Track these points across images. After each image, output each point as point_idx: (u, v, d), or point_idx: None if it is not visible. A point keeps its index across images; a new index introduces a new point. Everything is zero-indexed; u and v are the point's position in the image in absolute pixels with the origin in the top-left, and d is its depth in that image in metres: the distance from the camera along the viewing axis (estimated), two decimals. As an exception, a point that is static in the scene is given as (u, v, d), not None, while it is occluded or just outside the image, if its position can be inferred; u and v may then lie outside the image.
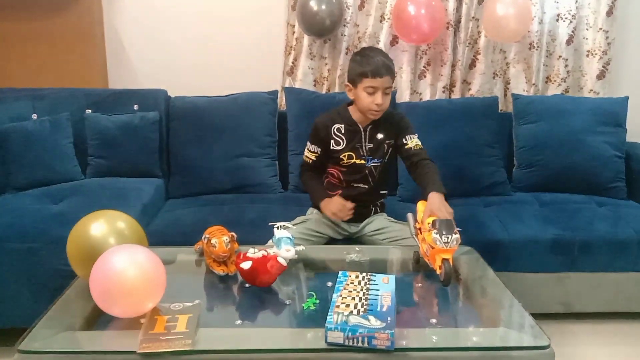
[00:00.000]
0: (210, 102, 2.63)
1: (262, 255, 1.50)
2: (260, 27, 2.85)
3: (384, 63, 1.87)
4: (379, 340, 1.21)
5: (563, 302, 2.23)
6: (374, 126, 1.98)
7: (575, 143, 2.55)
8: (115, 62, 2.87)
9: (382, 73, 1.85)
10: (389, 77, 1.88)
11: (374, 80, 1.86)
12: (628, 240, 2.16)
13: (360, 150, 1.98)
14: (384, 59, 1.89)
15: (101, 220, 1.53)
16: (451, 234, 1.51)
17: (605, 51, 2.79)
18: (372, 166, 2.00)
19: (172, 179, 2.61)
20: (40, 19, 2.65)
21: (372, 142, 1.99)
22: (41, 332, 1.29)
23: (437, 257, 1.52)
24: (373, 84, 1.86)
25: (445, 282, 1.50)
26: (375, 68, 1.86)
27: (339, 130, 1.99)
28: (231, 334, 1.31)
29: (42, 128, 2.41)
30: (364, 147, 1.98)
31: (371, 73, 1.85)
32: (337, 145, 1.99)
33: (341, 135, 1.99)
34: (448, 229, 1.52)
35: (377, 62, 1.86)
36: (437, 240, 1.51)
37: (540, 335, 1.28)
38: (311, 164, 2.06)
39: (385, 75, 1.86)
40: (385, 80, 1.86)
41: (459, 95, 2.86)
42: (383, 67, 1.86)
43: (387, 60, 1.90)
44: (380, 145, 1.99)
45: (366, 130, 1.99)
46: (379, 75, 1.85)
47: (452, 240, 1.50)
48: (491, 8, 2.64)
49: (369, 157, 1.99)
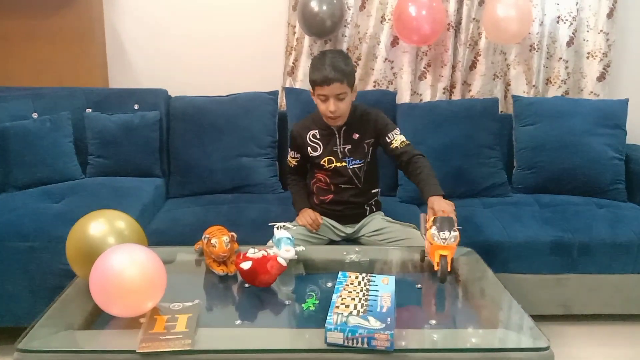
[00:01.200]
0: (211, 102, 2.63)
1: (262, 255, 1.50)
2: (261, 27, 2.85)
3: (332, 70, 1.82)
4: (378, 341, 1.21)
5: (562, 304, 2.23)
6: (348, 127, 1.98)
7: (575, 145, 2.55)
8: (116, 61, 2.87)
9: (329, 81, 1.82)
10: (339, 84, 1.83)
11: (322, 89, 1.85)
12: (627, 243, 2.17)
13: (338, 153, 1.98)
14: (333, 64, 1.83)
15: (101, 219, 1.53)
16: (450, 231, 1.52)
17: (606, 53, 2.79)
18: (354, 167, 2.00)
19: (172, 178, 2.61)
20: (41, 17, 2.65)
21: (349, 143, 1.99)
22: (41, 331, 1.29)
23: (435, 253, 1.53)
24: (322, 92, 1.85)
25: (441, 279, 1.50)
26: (322, 76, 1.83)
27: (314, 137, 2.00)
28: (231, 334, 1.31)
29: (42, 127, 2.41)
30: (341, 149, 1.98)
31: (319, 81, 1.84)
32: (314, 151, 2.01)
33: (317, 140, 2.00)
34: (447, 226, 1.53)
35: (324, 69, 1.82)
36: (435, 237, 1.52)
37: (539, 337, 1.28)
38: (293, 167, 2.14)
39: (334, 82, 1.82)
40: (334, 88, 1.83)
41: (459, 96, 2.86)
42: (331, 74, 1.81)
43: (338, 64, 1.84)
44: (358, 145, 1.99)
45: (340, 133, 1.98)
46: (326, 83, 1.83)
47: (450, 237, 1.51)
48: (492, 9, 2.64)
49: (348, 158, 1.99)
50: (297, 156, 2.10)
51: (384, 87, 2.85)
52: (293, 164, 2.14)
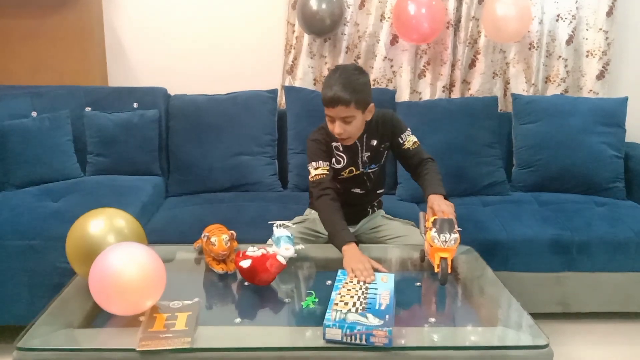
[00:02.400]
0: (210, 100, 2.63)
1: (261, 253, 1.51)
2: (260, 25, 2.85)
3: (336, 92, 1.71)
4: (376, 337, 1.21)
5: (561, 302, 2.23)
6: (368, 135, 1.91)
7: (574, 143, 2.55)
8: (115, 60, 2.86)
9: (334, 104, 1.73)
10: (344, 107, 1.72)
11: (328, 110, 1.78)
12: (626, 241, 2.17)
13: (359, 163, 1.94)
14: (343, 84, 1.72)
15: (100, 218, 1.53)
16: (450, 233, 1.51)
17: (605, 51, 2.79)
18: (370, 172, 1.98)
19: (171, 177, 2.61)
20: (40, 16, 2.64)
21: (369, 151, 1.93)
22: (40, 329, 1.29)
23: (435, 255, 1.53)
24: (328, 113, 1.79)
25: (441, 281, 1.50)
26: (328, 97, 1.74)
27: (337, 149, 1.92)
28: (230, 332, 1.31)
29: (41, 125, 2.41)
30: (363, 159, 1.93)
31: (325, 101, 1.77)
32: (337, 164, 1.92)
33: (340, 153, 1.92)
34: (447, 229, 1.52)
35: (331, 89, 1.73)
36: (436, 239, 1.51)
37: (538, 335, 1.28)
38: (326, 177, 1.84)
39: (339, 106, 1.73)
40: (338, 111, 1.74)
41: (459, 94, 2.87)
42: (335, 96, 1.72)
43: (348, 84, 1.72)
44: (377, 151, 1.95)
45: (362, 142, 1.91)
46: (330, 105, 1.75)
47: (450, 240, 1.50)
48: (491, 8, 2.64)
49: (367, 165, 1.95)
50: (327, 165, 1.86)
51: (383, 85, 2.85)
52: (325, 174, 1.84)
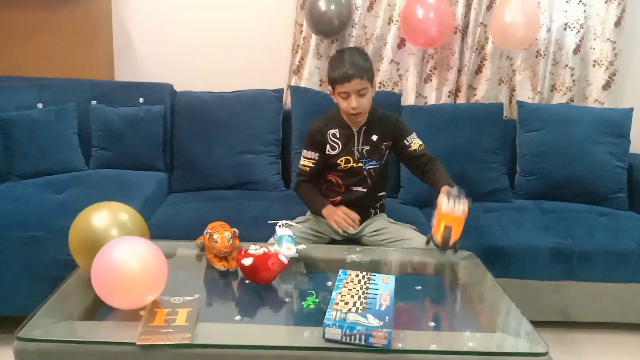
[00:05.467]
0: (216, 98, 2.63)
1: (263, 252, 1.51)
2: (268, 25, 2.85)
3: (351, 66, 1.82)
4: (376, 338, 1.21)
5: (561, 311, 2.23)
6: (367, 128, 1.98)
7: (578, 152, 2.55)
8: (122, 54, 2.87)
9: (350, 77, 1.81)
10: (359, 79, 1.82)
11: (343, 86, 1.84)
12: (628, 251, 2.16)
13: (355, 154, 1.98)
14: (352, 61, 1.83)
15: (104, 211, 1.53)
16: (459, 200, 1.52)
17: (612, 62, 2.79)
18: (370, 168, 2.00)
19: (174, 173, 2.61)
20: (49, 9, 2.65)
21: (367, 144, 1.98)
22: (41, 320, 1.30)
23: (441, 222, 1.53)
24: (344, 89, 1.85)
25: (442, 247, 1.50)
26: (343, 73, 1.82)
27: (334, 135, 1.98)
28: (230, 330, 1.31)
29: (47, 117, 2.42)
30: (359, 150, 1.98)
31: (339, 79, 1.83)
32: (332, 150, 1.99)
33: (336, 139, 1.98)
34: (457, 196, 1.55)
35: (344, 66, 1.82)
36: (444, 203, 1.52)
37: (538, 342, 1.28)
38: (309, 171, 2.01)
39: (355, 79, 1.82)
40: (355, 84, 1.82)
41: (464, 100, 2.87)
42: (350, 70, 1.81)
43: (357, 60, 1.84)
44: (376, 147, 1.99)
45: (360, 133, 1.98)
46: (347, 80, 1.82)
47: (457, 205, 1.51)
48: (499, 15, 2.64)
49: (365, 159, 1.99)
50: (315, 156, 1.99)
51: (389, 88, 2.85)
52: (309, 167, 2.01)
